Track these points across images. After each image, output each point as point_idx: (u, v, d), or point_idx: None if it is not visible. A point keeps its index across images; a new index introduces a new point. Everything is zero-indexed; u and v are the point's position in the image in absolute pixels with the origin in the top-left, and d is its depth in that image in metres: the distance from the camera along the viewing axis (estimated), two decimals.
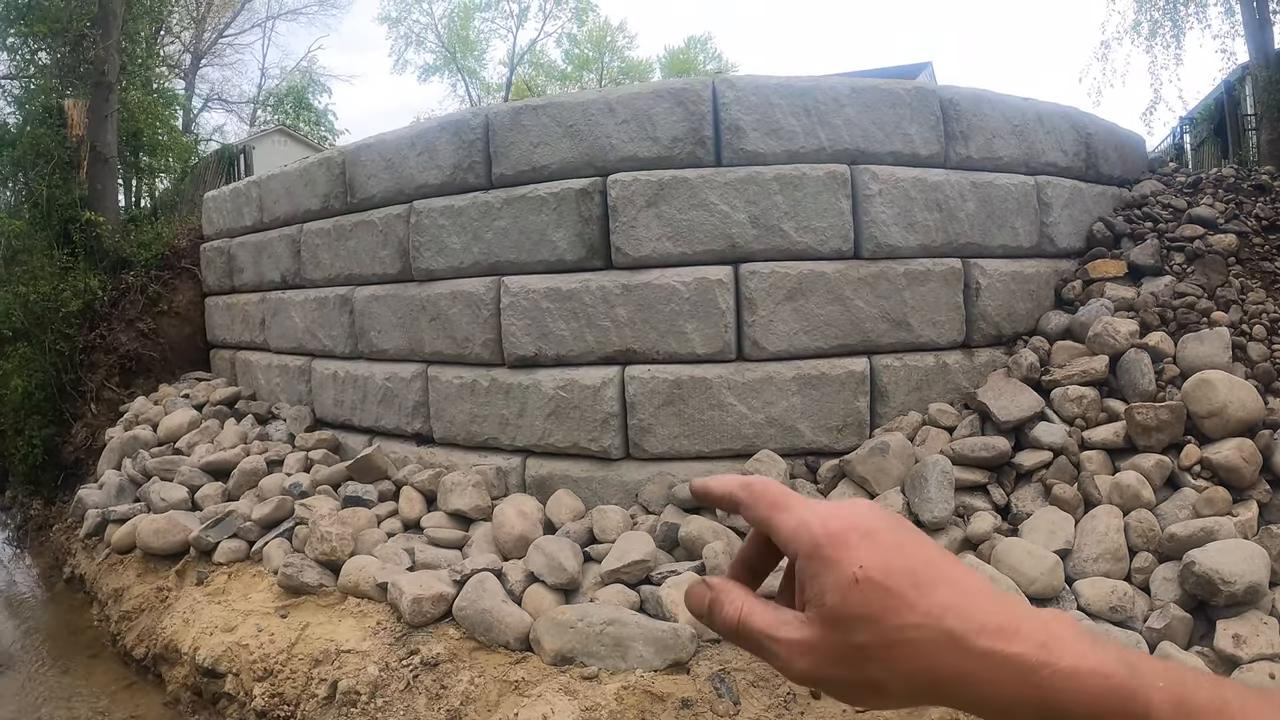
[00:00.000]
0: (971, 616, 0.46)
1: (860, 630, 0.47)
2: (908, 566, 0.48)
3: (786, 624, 0.50)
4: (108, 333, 7.44)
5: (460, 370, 5.17)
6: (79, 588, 5.58)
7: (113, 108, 8.11)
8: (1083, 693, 0.43)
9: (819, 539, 0.49)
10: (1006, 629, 0.45)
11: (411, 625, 3.69)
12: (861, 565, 0.47)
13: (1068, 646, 0.44)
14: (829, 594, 0.48)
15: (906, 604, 0.46)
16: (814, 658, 0.49)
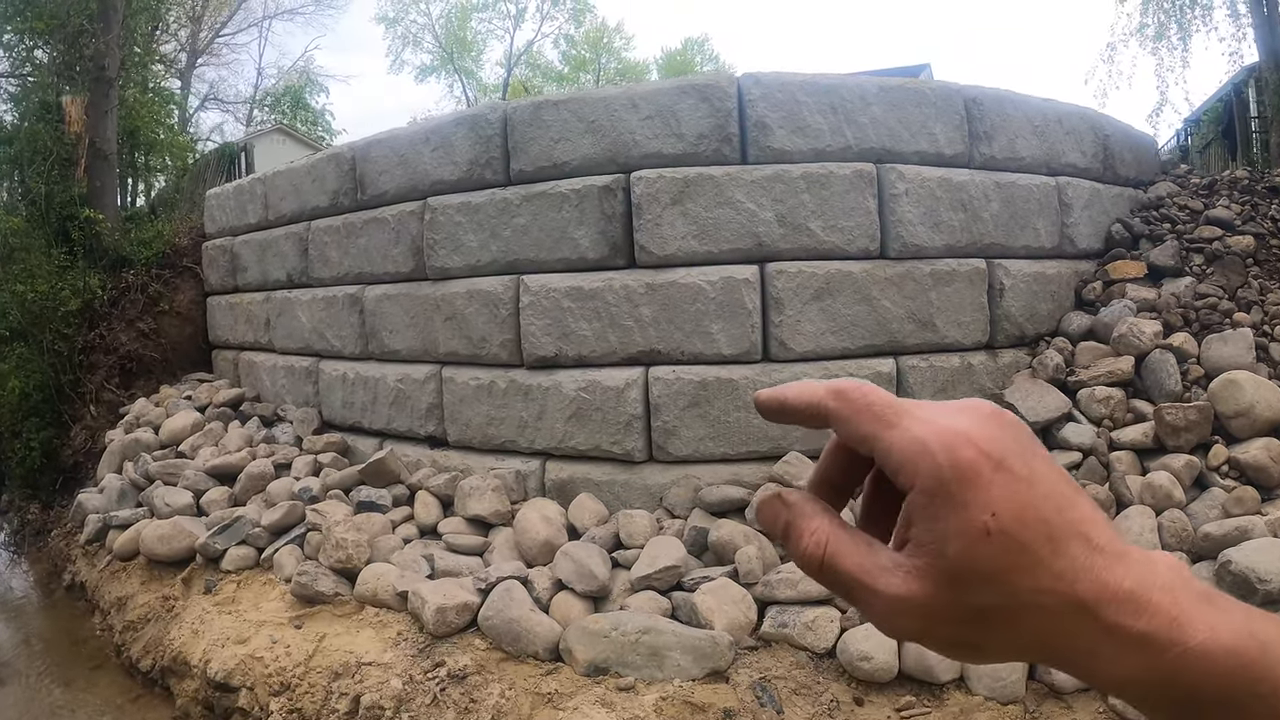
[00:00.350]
0: (1104, 582, 0.40)
1: (984, 591, 0.40)
2: (1042, 515, 0.41)
3: (887, 571, 0.42)
4: (107, 333, 7.26)
5: (477, 371, 5.04)
6: (80, 595, 5.41)
7: (113, 103, 7.95)
8: (1213, 673, 0.39)
9: (944, 472, 0.41)
10: (1137, 599, 0.40)
11: (435, 636, 3.56)
12: (994, 513, 0.40)
13: (1198, 620, 0.39)
14: (951, 543, 0.40)
15: (1040, 563, 0.40)
16: (922, 618, 0.42)
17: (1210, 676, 0.39)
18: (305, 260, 6.39)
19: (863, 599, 0.43)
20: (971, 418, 0.43)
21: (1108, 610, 0.40)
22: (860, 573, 0.43)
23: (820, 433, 0.47)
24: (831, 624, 3.45)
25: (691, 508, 4.32)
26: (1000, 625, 0.41)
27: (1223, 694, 0.39)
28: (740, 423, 4.48)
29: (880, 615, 0.43)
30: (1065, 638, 0.41)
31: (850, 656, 3.27)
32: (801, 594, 3.54)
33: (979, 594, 0.41)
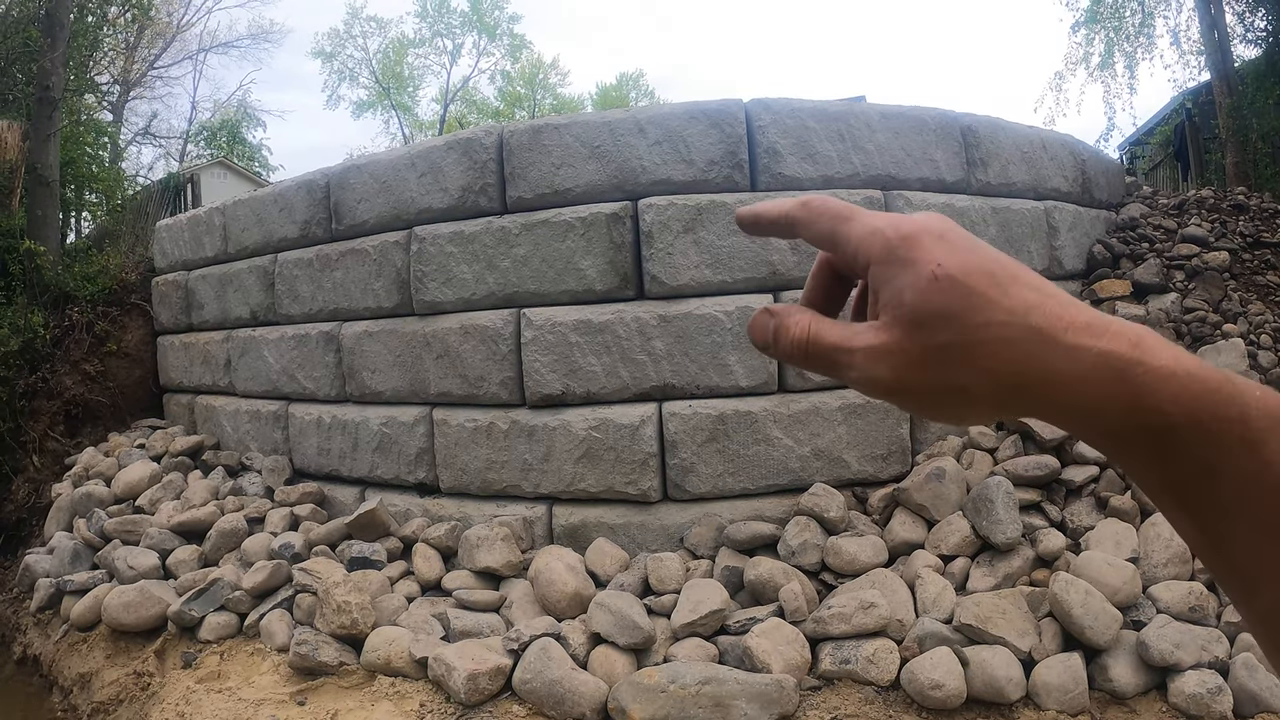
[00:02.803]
0: (1057, 314, 0.42)
1: (942, 329, 0.43)
2: (985, 267, 0.44)
3: (860, 333, 0.46)
4: (50, 375, 6.65)
5: (473, 412, 4.75)
6: (34, 671, 4.88)
7: (56, 126, 7.38)
8: (1179, 393, 0.39)
9: (892, 241, 0.45)
10: (1095, 326, 0.41)
11: (467, 705, 3.26)
12: (939, 263, 0.44)
13: (1160, 349, 0.41)
14: (906, 293, 0.44)
15: (988, 301, 0.43)
16: (893, 362, 0.45)
17: (1177, 400, 0.39)
18: (271, 296, 5.99)
19: (844, 361, 0.46)
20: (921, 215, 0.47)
21: (1066, 335, 0.41)
22: (839, 341, 0.47)
23: (837, 468, 1.60)
24: (891, 654, 3.36)
25: (716, 547, 4.12)
26: (965, 360, 0.43)
27: (1191, 418, 0.39)
28: (760, 456, 4.31)
29: (860, 370, 0.46)
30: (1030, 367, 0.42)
31: (920, 686, 3.19)
32: (856, 627, 3.41)
33: (938, 332, 0.43)
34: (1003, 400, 0.44)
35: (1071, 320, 0.42)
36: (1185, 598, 3.52)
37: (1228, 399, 0.39)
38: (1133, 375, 0.40)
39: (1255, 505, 0.38)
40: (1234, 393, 0.39)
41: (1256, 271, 6.09)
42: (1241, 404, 0.39)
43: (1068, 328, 0.42)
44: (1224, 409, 0.39)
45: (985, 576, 3.85)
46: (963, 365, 0.43)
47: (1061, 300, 0.43)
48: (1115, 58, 10.71)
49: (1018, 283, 0.43)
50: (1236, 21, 10.11)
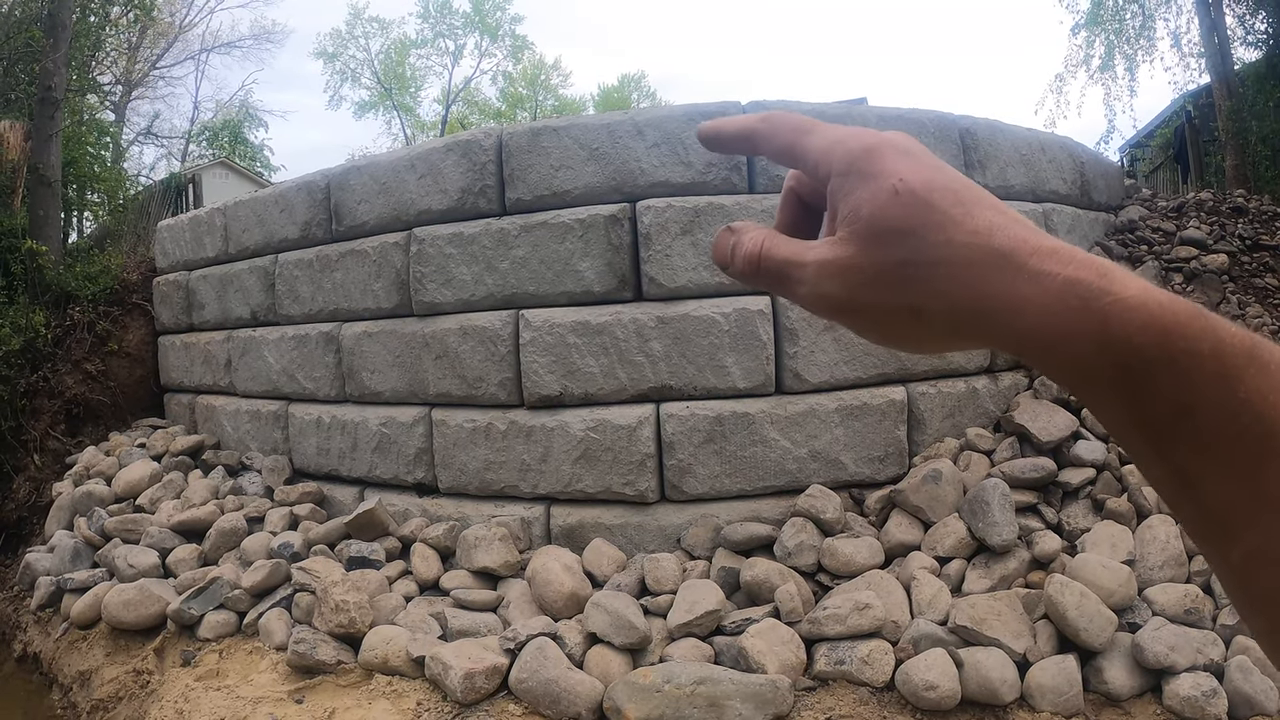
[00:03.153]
0: (1022, 237, 0.40)
1: (900, 245, 0.41)
2: (949, 185, 0.42)
3: (814, 248, 0.45)
4: (51, 374, 6.67)
5: (472, 413, 4.77)
6: (34, 668, 4.89)
7: (58, 126, 7.40)
8: (1149, 324, 0.37)
9: (854, 153, 0.44)
10: (1061, 252, 0.39)
11: (463, 704, 3.28)
12: (901, 178, 0.42)
13: (1129, 279, 0.38)
14: (865, 206, 0.43)
15: (950, 219, 0.41)
16: (846, 278, 0.43)
17: (1146, 331, 0.37)
18: (272, 296, 6.01)
19: (795, 275, 0.45)
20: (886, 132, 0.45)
21: (1031, 259, 0.39)
22: (792, 255, 0.45)
23: (834, 470, 1.64)
24: (886, 656, 3.37)
25: (713, 548, 4.13)
26: (923, 280, 0.41)
27: (1162, 350, 0.36)
28: (758, 458, 4.32)
29: (810, 285, 0.44)
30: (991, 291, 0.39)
31: (914, 687, 3.20)
32: (852, 628, 3.43)
33: (896, 248, 0.41)
34: (958, 325, 0.42)
35: (1037, 245, 0.40)
36: (1181, 600, 3.53)
37: (1200, 332, 0.37)
38: (1100, 304, 0.37)
39: (1231, 444, 0.36)
40: (1207, 326, 0.37)
41: (1255, 274, 6.11)
42: (1215, 337, 0.37)
43: (1033, 252, 0.39)
44: (1197, 342, 0.36)
45: (981, 578, 3.87)
46: (919, 285, 0.41)
47: (1027, 225, 0.41)
48: (1115, 60, 10.73)
49: (982, 204, 0.42)
50: (1237, 24, 10.14)
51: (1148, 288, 0.38)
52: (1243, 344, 0.37)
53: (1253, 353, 0.36)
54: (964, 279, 0.40)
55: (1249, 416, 0.35)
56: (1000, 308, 0.39)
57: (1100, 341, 0.37)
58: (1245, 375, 0.36)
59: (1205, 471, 0.37)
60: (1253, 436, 0.35)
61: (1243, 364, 0.36)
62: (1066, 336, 0.38)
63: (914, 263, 0.41)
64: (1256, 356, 0.36)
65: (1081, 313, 0.38)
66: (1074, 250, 0.40)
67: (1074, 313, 0.38)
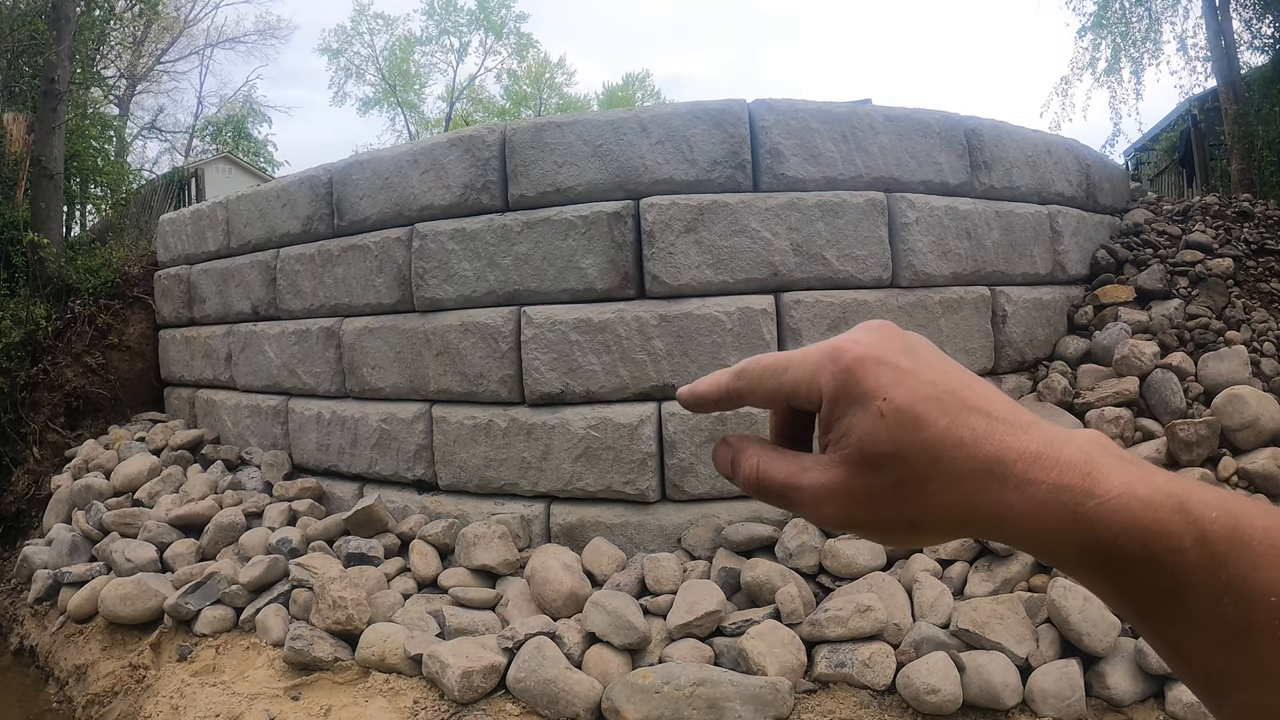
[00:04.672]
0: (1008, 444, 0.41)
1: (891, 468, 0.43)
2: (932, 394, 0.43)
3: (808, 470, 0.46)
4: (52, 368, 6.65)
5: (472, 410, 4.75)
6: (30, 661, 4.87)
7: (61, 119, 7.37)
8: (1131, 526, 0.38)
9: (835, 379, 0.45)
10: (1046, 456, 0.41)
11: (460, 703, 3.25)
12: (885, 397, 0.43)
13: (1114, 475, 0.40)
14: (854, 431, 0.44)
15: (937, 433, 0.42)
16: (842, 501, 0.45)
17: (1130, 531, 0.39)
18: (273, 291, 5.99)
19: (794, 497, 0.46)
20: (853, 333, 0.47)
21: (1016, 468, 0.40)
22: (788, 477, 0.47)
23: None
24: (888, 659, 3.34)
25: (714, 548, 4.10)
26: (915, 497, 0.43)
27: (1145, 549, 0.38)
28: None
29: (810, 507, 0.46)
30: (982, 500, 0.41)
31: (915, 691, 3.17)
32: (853, 631, 3.40)
33: (887, 471, 0.43)
34: (951, 530, 0.44)
35: (1022, 451, 0.41)
36: None
37: (1183, 526, 0.38)
38: (1085, 510, 0.39)
39: (1217, 621, 0.38)
40: (1189, 518, 0.38)
41: (1260, 279, 6.07)
42: (1198, 528, 0.38)
43: (1018, 459, 0.41)
44: (1179, 538, 0.38)
45: (983, 582, 3.84)
46: (912, 502, 0.43)
47: (1011, 424, 0.42)
48: (1122, 63, 10.69)
49: (966, 407, 0.43)
50: (1243, 28, 10.10)
51: (1131, 482, 0.39)
52: (1225, 527, 0.38)
53: (1234, 534, 0.38)
54: (954, 493, 0.42)
55: (1232, 596, 0.37)
56: (990, 516, 0.41)
57: (1086, 544, 0.40)
58: (1227, 559, 0.37)
59: (1194, 645, 0.39)
60: (1237, 613, 0.37)
61: (1224, 548, 0.38)
62: (1055, 540, 0.40)
63: (905, 481, 0.43)
64: (1239, 538, 0.38)
65: (1067, 519, 0.40)
66: (1059, 448, 0.41)
67: (1060, 519, 0.40)
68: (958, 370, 0.46)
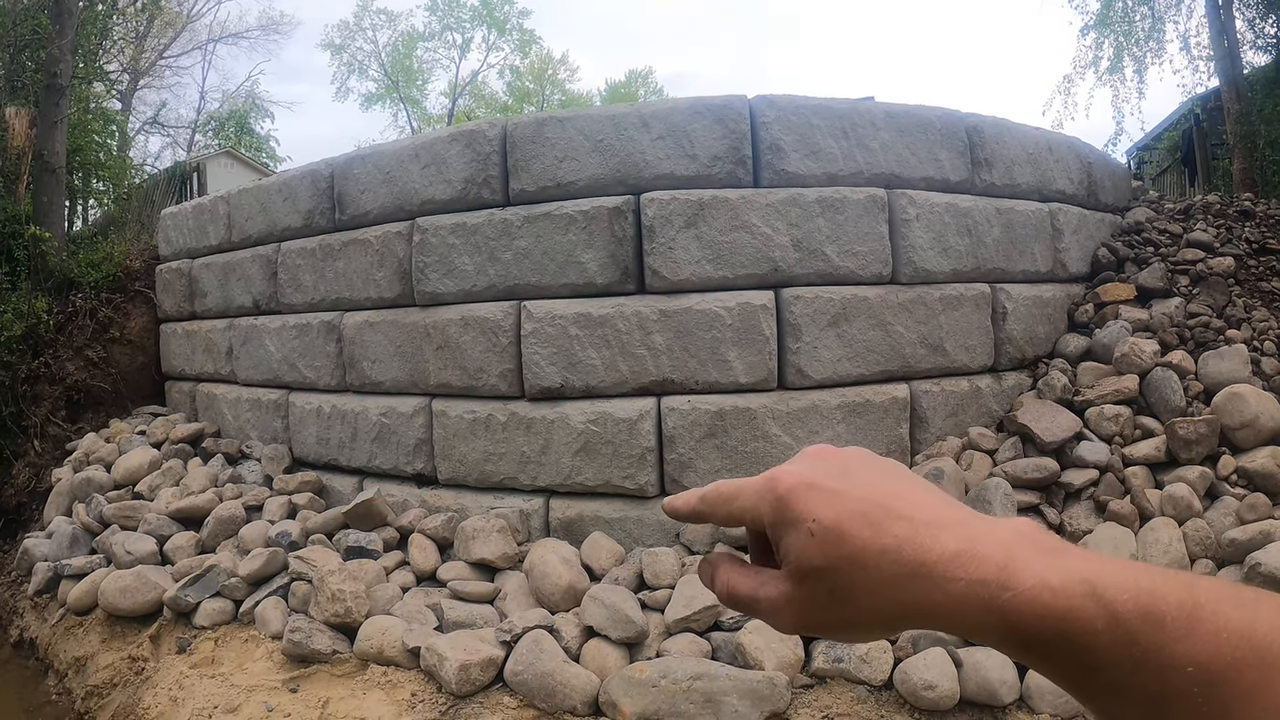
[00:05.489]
0: (928, 546, 0.46)
1: (825, 579, 0.49)
2: (858, 510, 0.49)
3: (765, 584, 0.52)
4: (53, 361, 6.66)
5: (472, 404, 4.75)
6: (30, 654, 4.89)
7: (63, 113, 7.37)
8: (1045, 614, 0.42)
9: (775, 506, 0.51)
10: (964, 554, 0.45)
11: (458, 695, 3.26)
12: (815, 519, 0.49)
13: (1029, 568, 0.44)
14: (791, 551, 0.50)
15: (862, 544, 0.47)
16: (792, 610, 0.51)
17: (1043, 620, 0.42)
18: (274, 285, 6.00)
19: (756, 608, 0.53)
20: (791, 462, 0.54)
21: (937, 568, 0.45)
22: (750, 590, 0.53)
23: None
24: (885, 654, 3.36)
25: (713, 543, 4.11)
26: (851, 602, 0.48)
27: (1059, 634, 0.42)
28: (758, 453, 4.30)
29: (768, 615, 0.52)
30: (909, 601, 0.46)
31: (913, 686, 3.19)
32: None
33: (825, 581, 0.48)
34: (891, 626, 0.49)
35: (940, 552, 0.46)
36: None
37: (1094, 610, 0.42)
38: (1000, 602, 0.43)
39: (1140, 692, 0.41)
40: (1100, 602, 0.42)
41: (1261, 278, 6.06)
42: (1110, 610, 0.41)
43: (937, 560, 0.45)
44: (1091, 621, 0.41)
45: None
46: (849, 606, 0.48)
47: (934, 527, 0.47)
48: (1124, 62, 10.67)
49: (890, 516, 0.48)
50: (1247, 28, 10.07)
51: (1044, 572, 0.43)
52: (1137, 607, 0.41)
53: (1147, 612, 0.41)
54: (884, 595, 0.47)
55: (1149, 670, 0.40)
56: (921, 612, 0.46)
57: (1006, 632, 0.44)
58: (1140, 636, 0.41)
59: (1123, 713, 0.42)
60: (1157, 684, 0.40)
61: (1137, 626, 0.41)
62: (977, 630, 0.45)
63: (839, 589, 0.48)
64: (1151, 615, 0.41)
65: (985, 612, 0.44)
66: (978, 544, 0.45)
67: (980, 612, 0.44)
68: (890, 481, 0.51)
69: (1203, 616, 0.41)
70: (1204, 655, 0.39)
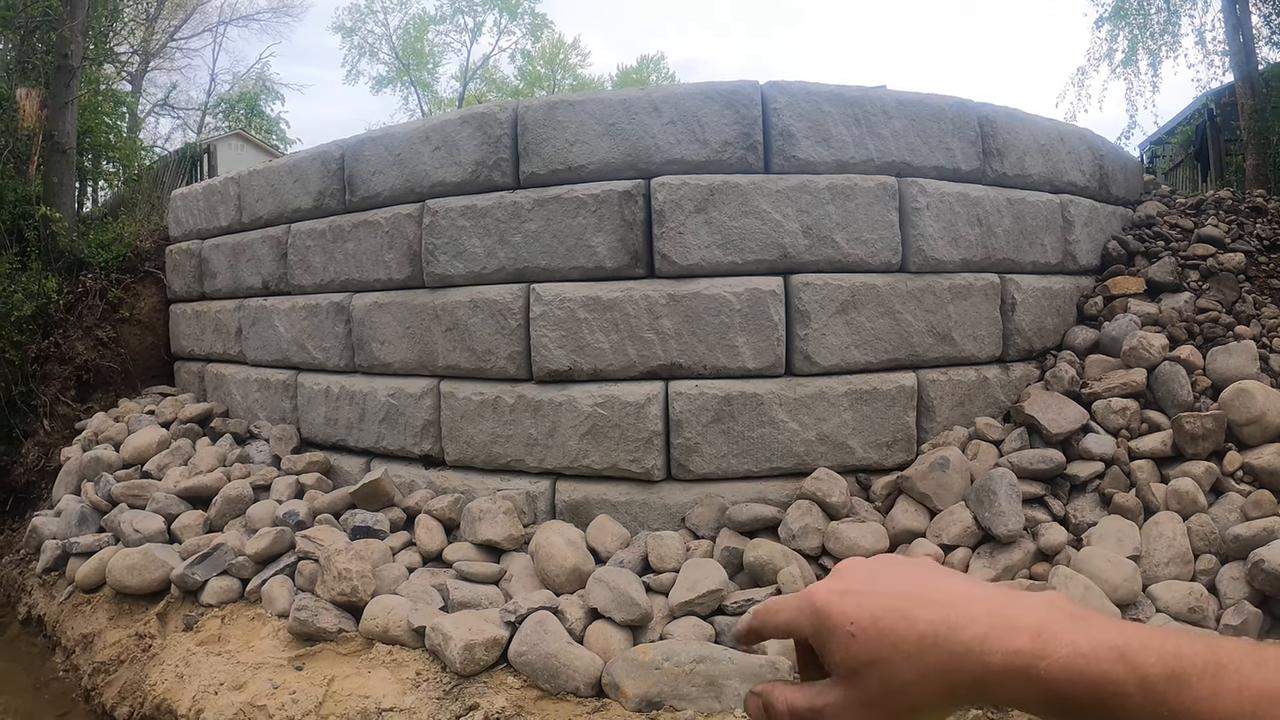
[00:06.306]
0: (963, 625, 0.49)
1: (873, 674, 0.51)
2: (890, 604, 0.52)
3: (821, 694, 0.55)
4: (63, 341, 6.69)
5: (480, 386, 4.76)
6: (38, 631, 4.92)
7: (74, 95, 7.38)
8: (1079, 680, 0.45)
9: (813, 619, 0.55)
10: (996, 630, 0.48)
11: (462, 675, 3.27)
12: (852, 621, 0.53)
13: (1061, 637, 0.47)
14: (836, 655, 0.53)
15: (900, 638, 0.51)
16: (851, 712, 0.53)
17: (1078, 686, 0.45)
18: (284, 266, 6.01)
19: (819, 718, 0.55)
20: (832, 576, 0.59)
21: (974, 645, 0.48)
22: (809, 703, 0.55)
23: (841, 454, 3.04)
24: None
25: (718, 528, 4.12)
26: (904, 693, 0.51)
27: (1094, 698, 0.45)
28: (765, 439, 4.30)
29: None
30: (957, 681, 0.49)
31: None
32: None
33: (872, 679, 0.52)
34: (944, 707, 0.51)
35: (974, 630, 0.49)
36: (1185, 598, 3.51)
37: (1124, 674, 0.44)
38: (1038, 671, 0.46)
39: None
40: (1130, 666, 0.44)
41: (1272, 275, 6.02)
42: (1139, 674, 0.44)
43: (972, 638, 0.49)
44: (1121, 685, 0.44)
45: (985, 568, 3.84)
46: (904, 695, 0.51)
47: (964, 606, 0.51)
48: (1139, 55, 10.59)
49: (921, 604, 0.52)
50: (1263, 23, 9.98)
51: (1077, 640, 0.46)
52: (1165, 670, 0.44)
53: (1173, 674, 0.44)
54: (930, 679, 0.50)
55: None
56: (967, 689, 0.49)
57: (1046, 699, 0.47)
58: (1168, 696, 0.43)
59: None
60: None
61: (1164, 688, 0.44)
62: (1020, 700, 0.48)
63: (890, 679, 0.51)
64: (1178, 677, 0.44)
65: (1025, 682, 0.47)
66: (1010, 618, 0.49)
67: (1020, 682, 0.47)
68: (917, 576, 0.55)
69: (1226, 676, 0.43)
70: (1228, 712, 0.42)
